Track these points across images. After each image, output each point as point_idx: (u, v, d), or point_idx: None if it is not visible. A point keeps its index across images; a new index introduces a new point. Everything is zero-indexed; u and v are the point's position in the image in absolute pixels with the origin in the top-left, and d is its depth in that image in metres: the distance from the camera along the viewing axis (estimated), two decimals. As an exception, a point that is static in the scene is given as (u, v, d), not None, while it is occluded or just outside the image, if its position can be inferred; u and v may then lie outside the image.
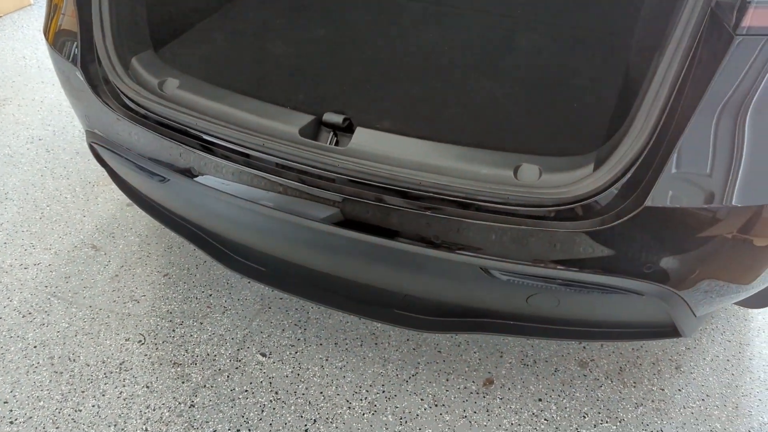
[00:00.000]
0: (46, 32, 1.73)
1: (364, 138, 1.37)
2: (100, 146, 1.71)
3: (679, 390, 1.84)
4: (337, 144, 1.42)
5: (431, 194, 1.29)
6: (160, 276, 2.18)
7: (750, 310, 2.09)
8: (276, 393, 1.81)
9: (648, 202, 1.17)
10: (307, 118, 1.42)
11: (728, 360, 1.93)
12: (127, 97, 1.54)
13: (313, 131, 1.42)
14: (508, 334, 1.57)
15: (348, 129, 1.42)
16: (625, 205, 1.20)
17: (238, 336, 1.97)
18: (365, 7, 2.06)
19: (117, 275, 2.18)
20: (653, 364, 1.92)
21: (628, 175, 1.20)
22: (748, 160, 1.13)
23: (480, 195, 1.26)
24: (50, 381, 1.82)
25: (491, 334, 1.59)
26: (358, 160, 1.32)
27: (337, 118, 1.41)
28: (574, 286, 1.31)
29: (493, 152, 1.33)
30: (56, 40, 1.69)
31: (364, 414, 1.76)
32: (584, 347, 1.96)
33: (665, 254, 1.25)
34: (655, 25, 1.36)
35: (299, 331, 1.99)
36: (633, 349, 1.96)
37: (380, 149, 1.35)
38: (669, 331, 1.49)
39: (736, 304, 1.90)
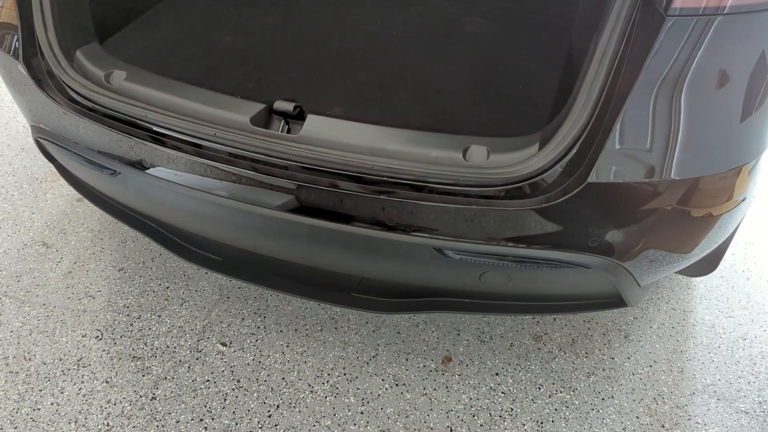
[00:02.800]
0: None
1: (315, 125, 1.38)
2: (46, 141, 1.68)
3: (628, 358, 1.93)
4: (288, 132, 1.43)
5: (383, 178, 1.31)
6: (115, 270, 2.16)
7: (692, 279, 2.19)
8: (238, 381, 1.82)
9: (591, 179, 1.22)
10: (257, 107, 1.42)
11: (673, 327, 2.03)
12: (72, 90, 1.52)
13: (264, 120, 1.43)
14: (463, 312, 1.61)
15: (299, 116, 1.43)
16: (570, 182, 1.25)
17: (198, 327, 1.97)
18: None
19: (70, 272, 2.14)
20: (603, 334, 2.00)
21: (572, 153, 1.24)
22: (683, 135, 1.19)
23: (431, 177, 1.29)
24: (6, 381, 1.80)
25: (447, 312, 1.63)
26: (311, 146, 1.34)
27: (287, 106, 1.42)
28: (524, 262, 1.36)
29: (442, 135, 1.36)
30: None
31: (326, 397, 1.79)
32: (538, 322, 2.03)
33: (609, 228, 1.31)
34: (593, 8, 1.40)
35: (259, 319, 2.00)
36: (584, 321, 2.03)
37: (332, 135, 1.36)
38: (616, 301, 1.56)
39: (678, 273, 1.99)
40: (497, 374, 1.87)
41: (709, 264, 1.85)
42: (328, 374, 1.85)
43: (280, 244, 1.55)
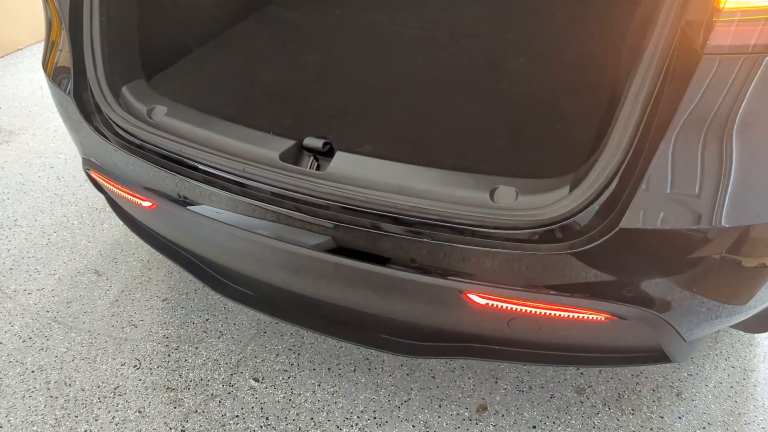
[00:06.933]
0: (44, 65, 1.78)
1: (343, 162, 1.37)
2: (95, 174, 1.74)
3: (680, 418, 1.79)
4: (318, 168, 1.43)
5: (407, 217, 1.28)
6: (159, 301, 2.20)
7: (756, 336, 2.03)
8: (266, 419, 1.80)
9: (623, 224, 1.15)
10: (288, 143, 1.43)
11: (731, 387, 1.88)
12: (116, 125, 1.57)
13: (294, 156, 1.43)
14: (492, 360, 1.54)
15: (329, 153, 1.43)
16: (600, 227, 1.18)
17: (233, 361, 1.97)
18: (359, 34, 2.08)
19: (117, 300, 2.20)
20: (653, 390, 1.87)
21: (603, 196, 1.18)
22: (721, 180, 1.11)
23: (455, 218, 1.25)
24: (45, 406, 1.84)
25: (475, 359, 1.57)
26: (336, 184, 1.33)
27: (317, 143, 1.42)
28: (553, 309, 1.29)
29: (470, 175, 1.33)
30: (54, 73, 1.73)
31: (354, 440, 1.74)
32: (582, 373, 1.92)
33: (645, 277, 1.23)
34: (634, 47, 1.35)
35: (293, 356, 1.98)
36: (632, 375, 1.91)
37: (358, 173, 1.35)
38: (659, 356, 1.45)
39: (737, 329, 1.85)
40: (534, 427, 1.77)
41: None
42: (358, 417, 1.80)
43: (304, 281, 1.54)
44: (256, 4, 2.15)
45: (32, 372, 1.94)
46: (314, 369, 1.94)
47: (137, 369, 1.95)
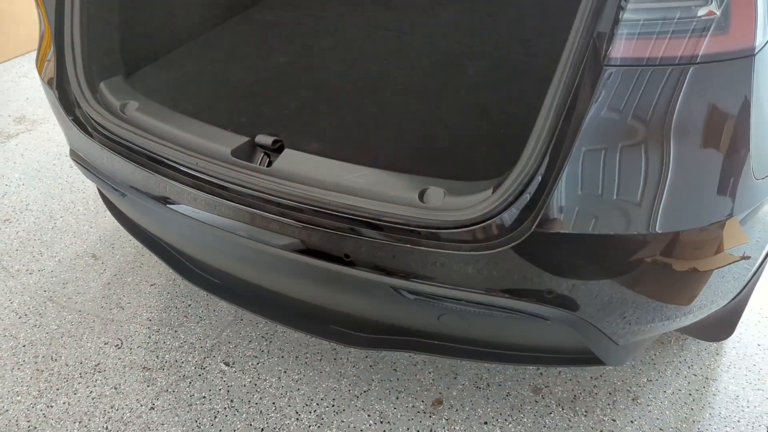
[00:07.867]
0: (37, 63, 1.90)
1: (288, 159, 1.44)
2: (78, 164, 1.86)
3: (632, 422, 1.81)
4: (269, 165, 1.50)
5: (340, 214, 1.34)
6: (147, 285, 2.32)
7: (723, 344, 2.02)
8: (231, 401, 1.89)
9: (537, 227, 1.19)
10: (241, 139, 1.51)
11: (690, 394, 1.88)
12: (92, 119, 1.68)
13: (246, 152, 1.51)
14: (433, 354, 1.60)
15: (279, 150, 1.50)
16: (517, 229, 1.22)
17: (207, 345, 2.07)
18: (335, 36, 2.15)
19: (109, 283, 2.33)
20: (609, 393, 1.89)
21: (520, 200, 1.22)
22: (626, 185, 1.14)
23: (383, 216, 1.31)
24: (31, 378, 1.98)
25: (418, 353, 1.62)
26: (279, 180, 1.40)
27: (267, 140, 1.49)
28: (475, 307, 1.33)
29: (403, 175, 1.38)
30: (44, 73, 1.85)
31: (310, 426, 1.82)
32: (541, 373, 1.95)
33: (562, 279, 1.26)
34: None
35: (264, 343, 2.07)
36: (591, 377, 1.94)
37: (301, 170, 1.42)
38: (593, 358, 1.48)
39: (691, 335, 1.86)
40: (486, 423, 1.82)
41: (723, 328, 1.72)
42: (317, 404, 1.88)
43: (253, 270, 1.62)
44: (240, 5, 2.25)
45: (23, 346, 2.08)
46: (283, 356, 2.03)
47: (119, 348, 2.07)
